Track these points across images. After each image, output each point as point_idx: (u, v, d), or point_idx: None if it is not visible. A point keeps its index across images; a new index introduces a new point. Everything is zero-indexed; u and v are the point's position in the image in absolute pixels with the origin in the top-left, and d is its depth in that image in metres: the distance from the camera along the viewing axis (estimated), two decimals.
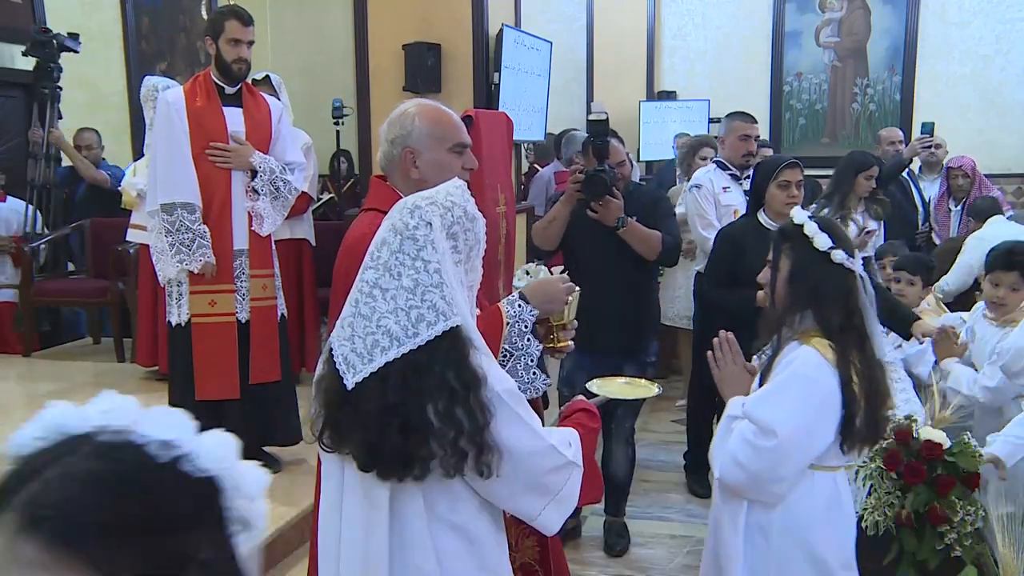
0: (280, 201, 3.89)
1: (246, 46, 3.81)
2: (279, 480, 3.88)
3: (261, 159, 3.81)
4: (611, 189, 3.51)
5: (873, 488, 2.76)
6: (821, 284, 2.18)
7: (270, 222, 3.86)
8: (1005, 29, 8.91)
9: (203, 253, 3.71)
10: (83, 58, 6.91)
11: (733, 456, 2.14)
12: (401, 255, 1.55)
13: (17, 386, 5.57)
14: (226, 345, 3.77)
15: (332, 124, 7.11)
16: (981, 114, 8.79)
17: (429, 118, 2.16)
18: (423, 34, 5.27)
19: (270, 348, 3.87)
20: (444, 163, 2.13)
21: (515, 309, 2.05)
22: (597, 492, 1.97)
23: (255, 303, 3.84)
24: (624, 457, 3.89)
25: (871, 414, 2.14)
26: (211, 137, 3.75)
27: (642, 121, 9.17)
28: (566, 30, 9.60)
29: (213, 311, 3.78)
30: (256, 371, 3.82)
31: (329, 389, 1.58)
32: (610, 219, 3.54)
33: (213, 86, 3.83)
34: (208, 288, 3.76)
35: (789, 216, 2.32)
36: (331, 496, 1.67)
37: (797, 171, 3.58)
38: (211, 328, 3.78)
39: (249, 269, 3.83)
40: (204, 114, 3.77)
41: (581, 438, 1.78)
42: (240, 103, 3.88)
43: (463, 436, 1.51)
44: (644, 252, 3.61)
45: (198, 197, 3.74)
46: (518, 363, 2.03)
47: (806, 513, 2.16)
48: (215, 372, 3.76)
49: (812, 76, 9.42)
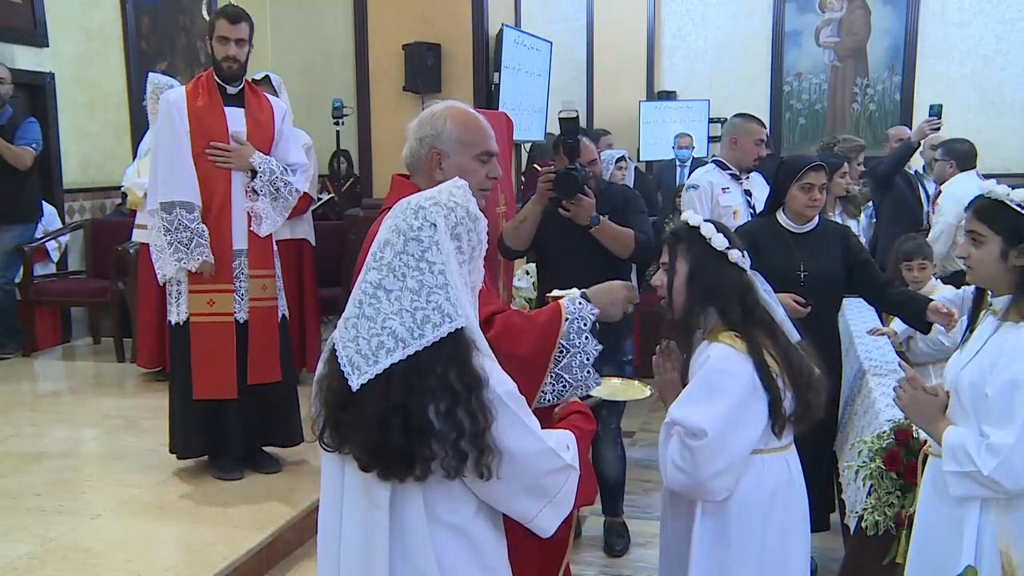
0: (280, 202, 3.89)
1: (234, 44, 3.80)
2: (279, 480, 3.88)
3: (261, 160, 3.81)
4: (583, 187, 3.49)
5: (873, 488, 2.76)
6: (720, 282, 2.26)
7: (269, 223, 3.86)
8: (1005, 29, 8.91)
9: (201, 252, 3.71)
10: (83, 58, 6.92)
11: (672, 461, 2.20)
12: (405, 256, 1.54)
13: (17, 386, 5.57)
14: (224, 345, 3.77)
15: (332, 124, 7.13)
16: (981, 114, 8.80)
17: (460, 122, 2.16)
18: (423, 34, 5.27)
19: (269, 348, 3.86)
20: (469, 169, 2.13)
21: (575, 306, 2.06)
22: (592, 493, 1.98)
23: (254, 303, 3.83)
24: (614, 457, 3.89)
25: (799, 393, 2.22)
26: (212, 137, 3.76)
27: (642, 121, 9.18)
28: (566, 30, 9.61)
29: (212, 310, 3.77)
30: (255, 371, 3.82)
31: (332, 389, 1.57)
32: (582, 217, 3.53)
33: (215, 86, 3.84)
34: (207, 287, 3.76)
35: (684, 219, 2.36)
36: (331, 496, 1.67)
37: (822, 174, 3.49)
38: (209, 327, 3.78)
39: (248, 269, 3.83)
40: (205, 114, 3.77)
41: (578, 440, 1.78)
42: (242, 103, 3.88)
43: (464, 437, 1.51)
44: (617, 250, 3.60)
45: (197, 196, 3.74)
46: (573, 360, 2.04)
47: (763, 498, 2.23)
48: (212, 371, 3.76)
49: (812, 76, 9.43)
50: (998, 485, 2.03)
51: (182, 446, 3.89)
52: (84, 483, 3.89)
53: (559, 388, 2.05)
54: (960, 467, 2.08)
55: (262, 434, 3.94)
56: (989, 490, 2.05)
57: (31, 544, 3.24)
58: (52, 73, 6.58)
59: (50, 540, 3.28)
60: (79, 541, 3.29)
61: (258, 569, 3.29)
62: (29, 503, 3.64)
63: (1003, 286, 2.17)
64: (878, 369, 3.63)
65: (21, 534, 3.33)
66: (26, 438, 4.50)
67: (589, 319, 2.05)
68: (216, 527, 3.42)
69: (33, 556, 3.16)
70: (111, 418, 4.78)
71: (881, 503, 2.73)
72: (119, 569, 3.10)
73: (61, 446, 4.38)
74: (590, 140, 3.72)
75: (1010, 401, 2.04)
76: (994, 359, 2.10)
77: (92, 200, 7.03)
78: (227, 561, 3.14)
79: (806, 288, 3.31)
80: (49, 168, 6.61)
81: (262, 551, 3.31)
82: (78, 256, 6.86)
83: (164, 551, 3.26)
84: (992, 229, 2.15)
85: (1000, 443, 2.02)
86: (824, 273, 3.46)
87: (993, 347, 2.13)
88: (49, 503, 3.64)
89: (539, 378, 2.03)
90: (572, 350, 2.04)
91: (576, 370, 2.04)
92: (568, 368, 2.03)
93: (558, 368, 2.04)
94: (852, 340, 4.09)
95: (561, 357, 2.03)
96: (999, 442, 2.02)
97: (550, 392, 2.05)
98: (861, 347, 3.93)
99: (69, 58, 6.77)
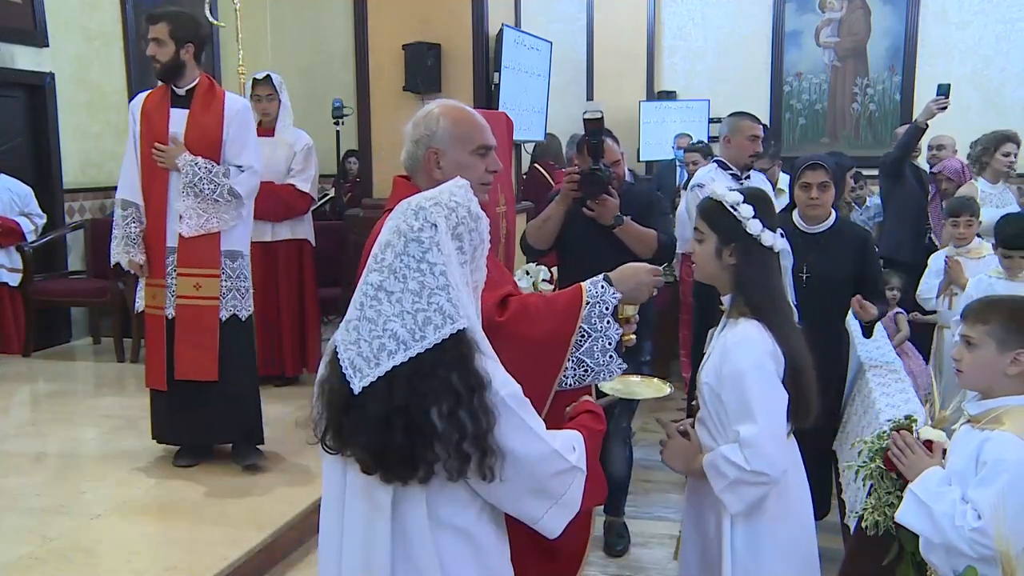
0: (207, 203, 3.90)
1: (153, 43, 3.91)
2: (279, 480, 3.89)
3: (186, 161, 3.87)
4: (607, 188, 3.51)
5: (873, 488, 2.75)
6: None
7: (193, 223, 3.90)
8: (1005, 29, 8.91)
9: (128, 250, 3.96)
10: (83, 58, 6.92)
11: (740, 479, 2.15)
12: (406, 257, 1.53)
13: (17, 386, 5.57)
14: (157, 338, 3.97)
15: (332, 124, 7.12)
16: (981, 114, 8.78)
17: (454, 118, 2.16)
18: (423, 34, 5.26)
19: (200, 346, 3.93)
20: (467, 164, 2.13)
21: (597, 289, 2.04)
22: (601, 494, 1.97)
23: (181, 300, 3.94)
24: (622, 457, 3.89)
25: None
26: (155, 137, 3.91)
27: (642, 121, 9.18)
28: (566, 30, 9.60)
29: (154, 303, 3.99)
30: (180, 367, 3.92)
31: (333, 391, 1.57)
32: (606, 217, 3.55)
33: (167, 88, 3.98)
34: (152, 282, 3.99)
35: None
36: (332, 498, 1.67)
37: (819, 172, 3.51)
38: (151, 319, 4.01)
39: (177, 267, 3.93)
40: (152, 114, 3.94)
41: (585, 440, 1.77)
42: (188, 104, 3.95)
43: (467, 439, 1.50)
44: (639, 251, 3.62)
45: (137, 195, 3.98)
46: (595, 344, 2.02)
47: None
48: (150, 363, 4.01)
49: (812, 76, 9.43)
50: (765, 476, 2.11)
51: (154, 430, 4.14)
52: (84, 483, 3.90)
53: (580, 373, 2.04)
54: (726, 477, 2.14)
55: (208, 430, 4.05)
56: (761, 485, 2.13)
57: (31, 544, 3.24)
58: (52, 73, 6.58)
59: (50, 540, 3.28)
60: (79, 541, 3.30)
61: (258, 569, 3.29)
62: (29, 503, 3.64)
63: (724, 284, 2.28)
64: (878, 368, 3.63)
65: (21, 534, 3.33)
66: (26, 438, 4.50)
67: (611, 303, 2.03)
68: (216, 527, 3.42)
69: (33, 556, 3.16)
70: (111, 418, 4.78)
71: (881, 503, 2.72)
72: (119, 569, 3.11)
73: (61, 446, 4.38)
74: (614, 141, 3.74)
75: (742, 393, 2.12)
76: (720, 358, 2.20)
77: (92, 200, 7.03)
78: (227, 561, 3.14)
79: (808, 289, 3.31)
80: (49, 168, 6.61)
81: (262, 551, 3.31)
82: (78, 256, 6.86)
83: (164, 551, 3.26)
84: (711, 228, 2.25)
85: (748, 435, 2.10)
86: (828, 275, 3.46)
87: (718, 346, 2.23)
88: (49, 503, 3.65)
89: (558, 361, 2.01)
90: (594, 335, 2.02)
91: (598, 355, 2.02)
92: (590, 353, 2.02)
93: (579, 353, 2.02)
94: (852, 340, 4.09)
95: (583, 342, 2.01)
96: (747, 434, 2.10)
97: (571, 377, 2.03)
98: (861, 347, 3.94)
99: (69, 58, 6.77)
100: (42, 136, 6.57)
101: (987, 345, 2.09)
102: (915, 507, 2.11)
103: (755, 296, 2.22)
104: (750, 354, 2.15)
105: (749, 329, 2.19)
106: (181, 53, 3.90)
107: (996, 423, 2.04)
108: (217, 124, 3.94)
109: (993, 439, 2.00)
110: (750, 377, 2.14)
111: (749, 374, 2.14)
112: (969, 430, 2.11)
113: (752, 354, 2.15)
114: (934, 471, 2.14)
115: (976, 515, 1.96)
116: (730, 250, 2.24)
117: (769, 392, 2.16)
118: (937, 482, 2.10)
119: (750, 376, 2.14)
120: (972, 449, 2.04)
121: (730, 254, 2.24)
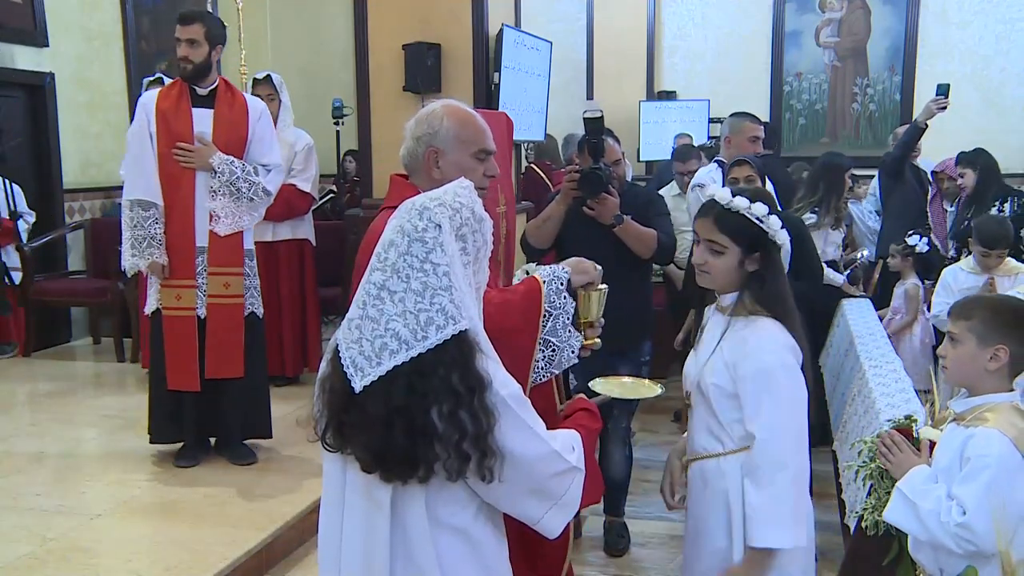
0: (243, 202, 3.96)
1: (185, 44, 3.89)
2: (279, 480, 3.89)
3: (221, 160, 3.89)
4: (608, 187, 3.52)
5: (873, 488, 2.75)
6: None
7: (229, 222, 3.94)
8: (1005, 29, 8.91)
9: (151, 253, 3.89)
10: (83, 58, 6.92)
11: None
12: (409, 257, 1.53)
13: (17, 386, 5.57)
14: (187, 339, 3.93)
15: (332, 124, 7.12)
16: (981, 114, 8.79)
17: (458, 120, 2.16)
18: (423, 34, 5.26)
19: (229, 344, 3.97)
20: (466, 167, 2.13)
21: (548, 269, 2.07)
22: (597, 493, 1.97)
23: (213, 300, 3.95)
24: (622, 457, 3.89)
25: None
26: (177, 137, 3.88)
27: (642, 121, 9.19)
28: (566, 30, 9.60)
29: (178, 304, 3.94)
30: (212, 366, 3.94)
31: (334, 390, 1.57)
32: (607, 217, 3.55)
33: (185, 87, 3.96)
34: (175, 282, 3.93)
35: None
36: (332, 496, 1.67)
37: (744, 168, 3.75)
38: (176, 321, 3.95)
39: (209, 266, 3.94)
40: (171, 114, 3.90)
41: (582, 439, 1.77)
42: (212, 104, 3.96)
43: (467, 439, 1.50)
44: (639, 250, 3.62)
45: (157, 195, 3.91)
46: (556, 322, 2.03)
47: None
48: (180, 363, 3.93)
49: (812, 76, 9.43)
50: None
51: (155, 433, 4.08)
52: (84, 483, 3.90)
53: (548, 354, 2.05)
54: None
55: (224, 427, 4.07)
56: None
57: (31, 544, 3.24)
58: (52, 73, 6.58)
59: (50, 540, 3.28)
60: (79, 541, 3.29)
61: (258, 569, 3.29)
62: (29, 503, 3.64)
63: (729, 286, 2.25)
64: (878, 368, 3.63)
65: (21, 534, 3.33)
66: (26, 438, 4.50)
67: (564, 278, 2.05)
68: (216, 527, 3.42)
69: (33, 556, 3.16)
70: (111, 418, 4.78)
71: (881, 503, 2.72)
72: (119, 569, 3.11)
73: (61, 446, 4.38)
74: (614, 140, 3.74)
75: (771, 393, 2.12)
76: (736, 357, 2.17)
77: (92, 200, 7.03)
78: (227, 561, 3.14)
79: None
80: (49, 168, 6.62)
81: (262, 551, 3.31)
82: (78, 256, 6.86)
83: (164, 551, 3.26)
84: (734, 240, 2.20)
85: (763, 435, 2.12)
86: None
87: (727, 345, 2.21)
88: (49, 503, 3.65)
89: (531, 347, 2.02)
90: (554, 312, 2.03)
91: (560, 331, 2.03)
92: (553, 331, 2.03)
93: (544, 333, 2.04)
94: (852, 340, 4.09)
95: (546, 321, 2.02)
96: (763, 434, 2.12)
97: (542, 359, 2.04)
98: (861, 347, 3.93)
99: (69, 58, 6.77)
100: (42, 136, 6.57)
101: (969, 341, 2.10)
102: (902, 505, 2.12)
103: (770, 296, 2.21)
104: (776, 353, 2.15)
105: (772, 328, 2.18)
106: (212, 54, 3.93)
107: (980, 420, 2.06)
108: (243, 123, 3.98)
109: (977, 435, 2.02)
110: (779, 376, 2.13)
111: (777, 373, 2.13)
112: (955, 428, 2.12)
113: (778, 353, 2.15)
114: (920, 469, 2.15)
115: (961, 511, 1.97)
116: (753, 259, 2.21)
117: (798, 391, 2.16)
118: (923, 480, 2.11)
119: (778, 375, 2.13)
120: (957, 446, 2.06)
121: (752, 262, 2.21)
